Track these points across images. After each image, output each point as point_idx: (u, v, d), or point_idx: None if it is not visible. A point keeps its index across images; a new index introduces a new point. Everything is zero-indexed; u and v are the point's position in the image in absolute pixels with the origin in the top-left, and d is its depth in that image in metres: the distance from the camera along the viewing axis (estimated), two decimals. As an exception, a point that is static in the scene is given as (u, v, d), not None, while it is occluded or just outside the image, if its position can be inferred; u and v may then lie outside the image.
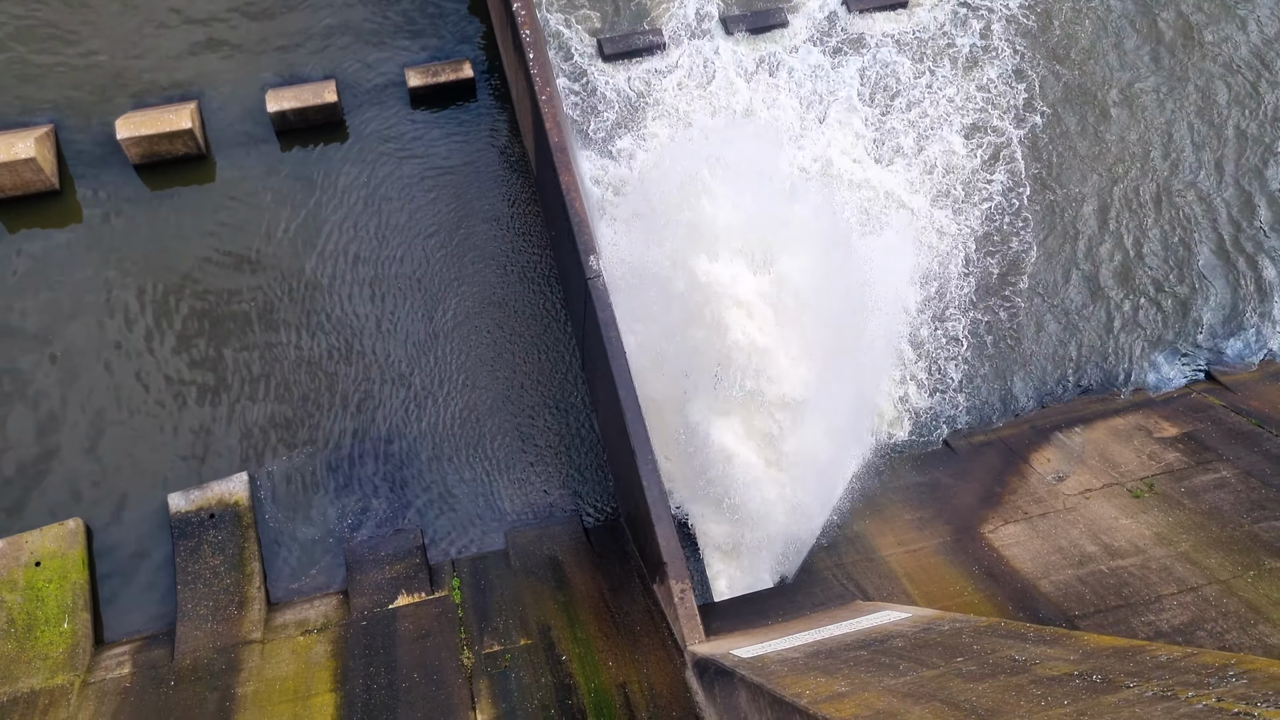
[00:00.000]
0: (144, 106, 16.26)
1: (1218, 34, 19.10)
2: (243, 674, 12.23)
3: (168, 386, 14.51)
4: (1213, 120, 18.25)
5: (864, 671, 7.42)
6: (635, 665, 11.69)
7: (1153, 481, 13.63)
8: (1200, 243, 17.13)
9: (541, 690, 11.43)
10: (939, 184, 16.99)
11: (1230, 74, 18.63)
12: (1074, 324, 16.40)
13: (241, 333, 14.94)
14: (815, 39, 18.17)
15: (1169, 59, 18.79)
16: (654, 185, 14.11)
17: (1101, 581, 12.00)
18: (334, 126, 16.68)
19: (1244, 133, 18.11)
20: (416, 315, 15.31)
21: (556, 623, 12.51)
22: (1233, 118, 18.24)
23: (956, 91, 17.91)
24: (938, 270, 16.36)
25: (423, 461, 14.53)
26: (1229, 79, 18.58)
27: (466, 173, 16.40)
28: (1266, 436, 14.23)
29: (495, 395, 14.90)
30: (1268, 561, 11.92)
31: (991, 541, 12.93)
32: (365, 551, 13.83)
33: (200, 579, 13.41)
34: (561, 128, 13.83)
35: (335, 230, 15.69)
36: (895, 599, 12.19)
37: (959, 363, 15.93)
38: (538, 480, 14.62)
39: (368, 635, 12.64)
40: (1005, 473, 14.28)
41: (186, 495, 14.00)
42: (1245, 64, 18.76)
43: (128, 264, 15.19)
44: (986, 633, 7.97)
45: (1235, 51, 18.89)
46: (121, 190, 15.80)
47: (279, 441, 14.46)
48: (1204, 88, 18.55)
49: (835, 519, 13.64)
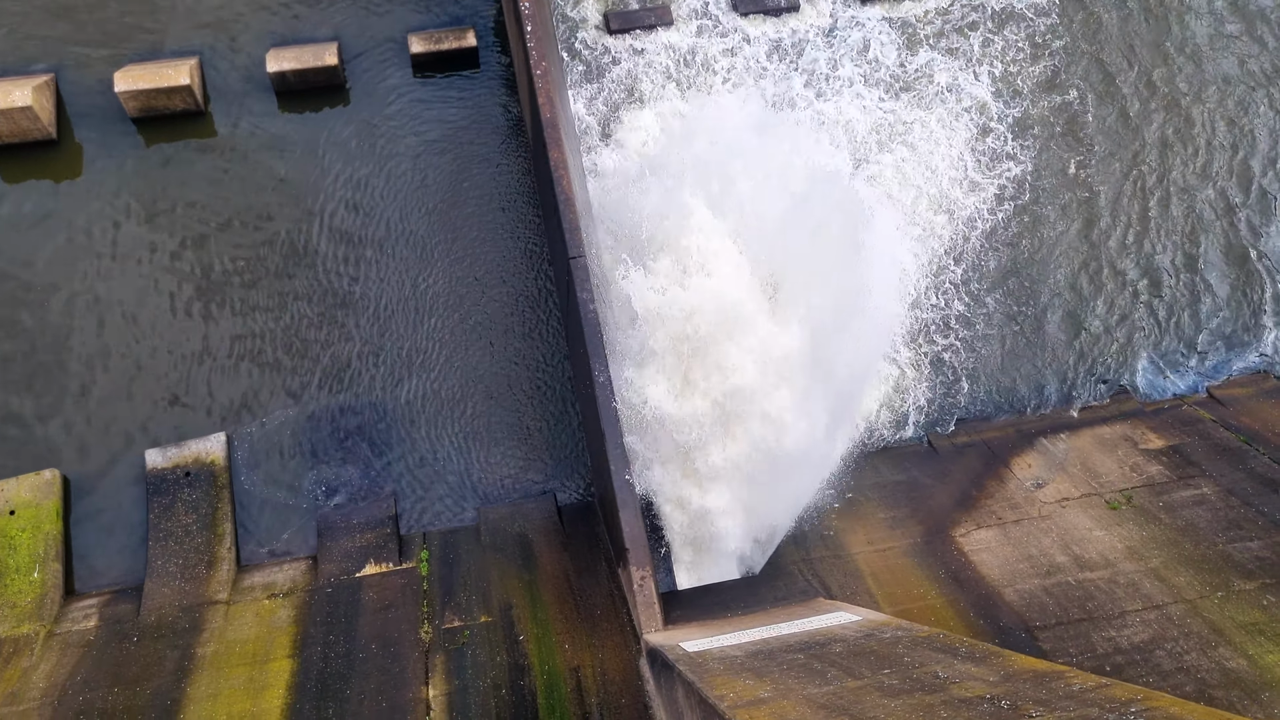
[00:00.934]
0: (145, 59, 16.18)
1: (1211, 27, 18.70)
2: (205, 634, 12.32)
3: (152, 343, 14.55)
4: (1234, 125, 17.87)
5: (793, 677, 7.36)
6: (591, 649, 11.69)
7: (1132, 494, 13.46)
8: (1206, 253, 16.83)
9: (495, 669, 11.46)
10: (937, 181, 16.74)
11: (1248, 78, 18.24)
12: (1069, 329, 16.17)
13: (229, 294, 14.95)
14: (827, 26, 17.86)
15: (1181, 59, 18.41)
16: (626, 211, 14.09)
17: (1067, 593, 11.88)
18: (334, 89, 16.57)
19: (1251, 144, 17.73)
20: (405, 287, 15.26)
21: (519, 601, 12.52)
22: (1255, 126, 17.86)
23: (967, 87, 17.60)
24: (934, 266, 16.15)
25: (402, 432, 14.53)
26: (1249, 81, 18.19)
27: (463, 144, 16.28)
28: (1253, 454, 14.01)
29: (481, 370, 14.86)
30: (1237, 583, 11.76)
31: (961, 546, 12.82)
32: (338, 518, 13.87)
33: (172, 537, 13.49)
34: (555, 103, 13.67)
35: (327, 197, 15.63)
36: (858, 599, 12.12)
37: (949, 362, 15.75)
38: (517, 457, 14.58)
39: (332, 602, 12.69)
40: (984, 476, 14.15)
41: (164, 452, 14.06)
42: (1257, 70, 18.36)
43: (119, 217, 15.19)
44: (923, 644, 7.89)
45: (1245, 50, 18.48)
46: (118, 143, 15.77)
47: (260, 404, 14.49)
48: (1233, 88, 18.17)
49: (808, 515, 13.56)
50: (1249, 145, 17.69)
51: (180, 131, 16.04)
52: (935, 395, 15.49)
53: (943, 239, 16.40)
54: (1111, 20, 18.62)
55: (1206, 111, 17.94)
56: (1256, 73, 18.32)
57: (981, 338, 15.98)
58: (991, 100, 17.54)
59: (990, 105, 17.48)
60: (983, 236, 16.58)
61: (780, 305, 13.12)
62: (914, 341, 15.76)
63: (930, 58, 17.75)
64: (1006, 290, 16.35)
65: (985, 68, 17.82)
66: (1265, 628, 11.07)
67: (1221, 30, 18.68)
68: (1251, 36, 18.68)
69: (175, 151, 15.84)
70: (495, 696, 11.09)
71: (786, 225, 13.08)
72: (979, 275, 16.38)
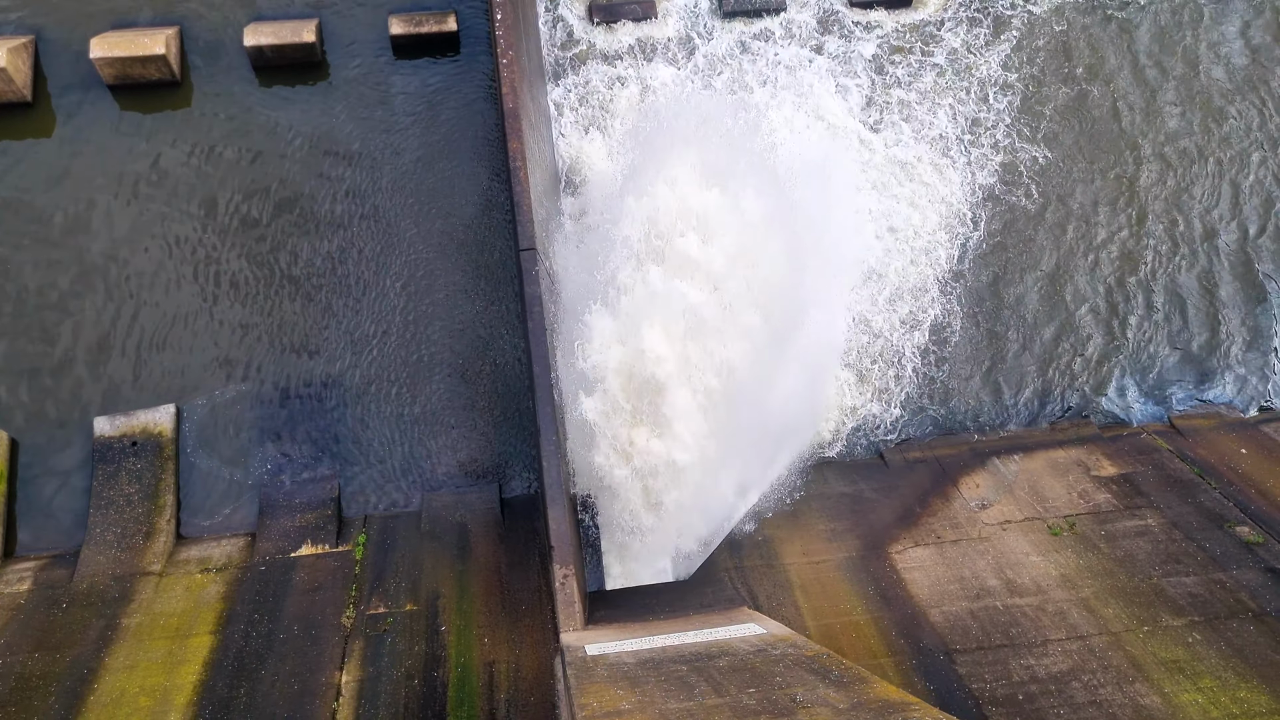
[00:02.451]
0: (125, 27, 16.20)
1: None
2: (133, 604, 12.39)
3: (107, 313, 14.60)
4: (1220, 156, 17.59)
5: (663, 689, 7.32)
6: (510, 645, 11.68)
7: (1075, 520, 13.32)
8: (1178, 282, 16.58)
9: (412, 658, 11.47)
10: (910, 186, 16.58)
11: (1231, 101, 17.94)
12: (1035, 350, 16.00)
13: (190, 269, 14.99)
14: (810, 28, 17.69)
15: (1165, 81, 18.12)
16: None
17: (993, 618, 11.77)
18: (312, 66, 16.56)
19: (1236, 172, 17.45)
20: (367, 269, 15.26)
21: (447, 592, 12.52)
22: (1241, 153, 17.58)
23: (948, 95, 17.41)
24: (900, 278, 16.01)
25: (354, 414, 14.55)
26: (1234, 106, 17.90)
27: (436, 128, 16.24)
28: (1204, 488, 13.83)
29: (437, 356, 14.85)
30: (1165, 618, 11.62)
31: (896, 563, 12.72)
32: (280, 497, 13.91)
33: (113, 505, 13.56)
34: (518, 94, 13.61)
35: (294, 175, 15.64)
36: (783, 611, 12.06)
37: (912, 375, 15.63)
38: (467, 446, 14.58)
39: (263, 581, 12.74)
40: (930, 493, 14.03)
41: (113, 420, 14.13)
42: (1242, 83, 18.05)
43: (86, 183, 15.24)
44: (804, 664, 7.83)
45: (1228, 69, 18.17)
46: (92, 110, 15.82)
47: (214, 378, 14.53)
48: (1218, 122, 17.89)
49: (747, 522, 13.49)
50: (1229, 177, 17.40)
51: (155, 101, 16.08)
52: (892, 409, 15.36)
53: (917, 253, 16.24)
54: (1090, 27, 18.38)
55: (1190, 143, 17.67)
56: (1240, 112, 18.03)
57: (945, 355, 15.83)
58: (976, 109, 17.34)
59: (961, 128, 17.28)
60: (957, 255, 16.40)
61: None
62: (874, 355, 15.61)
63: (903, 74, 17.58)
64: (973, 309, 16.18)
65: (952, 98, 17.62)
66: (1185, 666, 10.93)
67: (1202, 45, 18.39)
68: (1216, 56, 18.38)
69: (148, 121, 15.86)
70: (407, 686, 11.10)
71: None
72: (948, 294, 16.21)
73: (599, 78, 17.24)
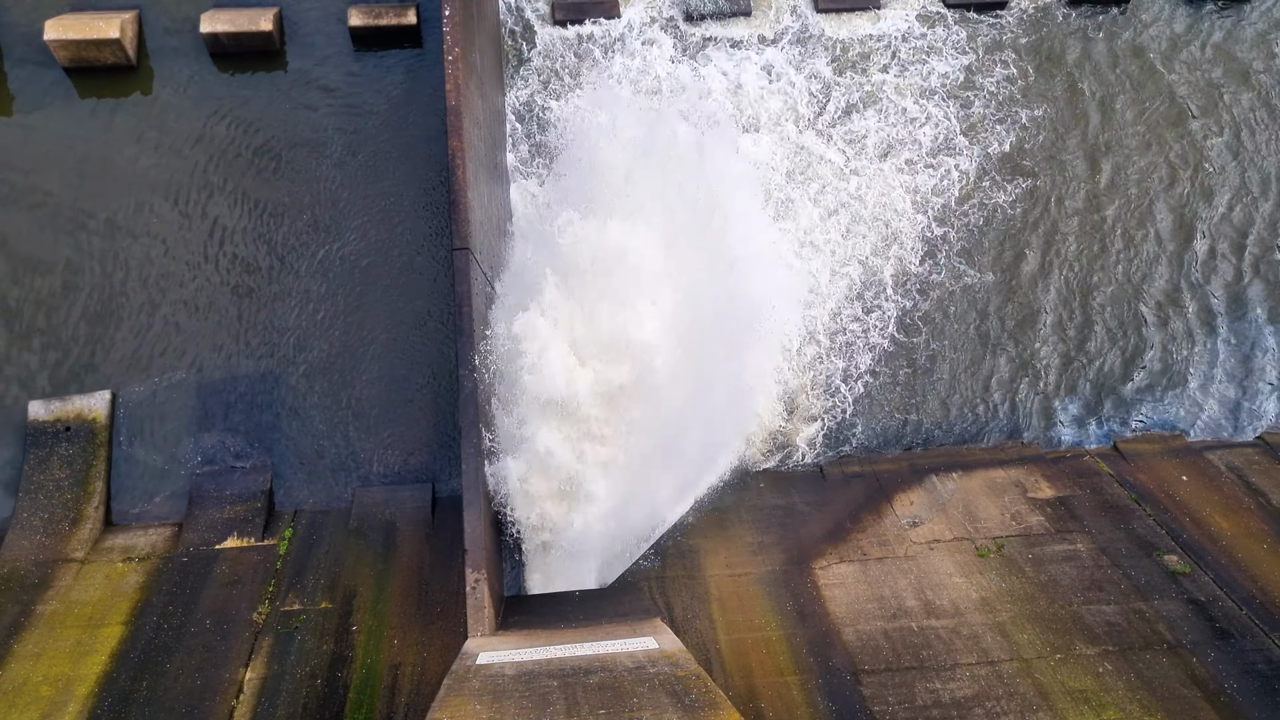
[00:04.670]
0: (82, 9, 16.15)
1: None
2: (50, 591, 12.40)
3: (48, 296, 14.60)
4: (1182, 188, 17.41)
5: (519, 707, 7.27)
6: (419, 647, 11.65)
7: (1004, 543, 13.21)
8: (1134, 306, 16.41)
9: (319, 658, 11.45)
10: (861, 204, 16.48)
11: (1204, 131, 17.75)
12: (985, 366, 15.88)
13: (136, 253, 14.97)
14: (777, 34, 17.55)
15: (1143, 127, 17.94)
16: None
17: (906, 639, 11.68)
18: (270, 55, 16.50)
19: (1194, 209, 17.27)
20: (311, 260, 15.22)
21: (364, 591, 12.49)
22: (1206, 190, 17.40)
23: (913, 106, 17.26)
24: (849, 291, 15.90)
25: (291, 406, 14.53)
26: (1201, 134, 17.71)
27: (390, 123, 16.17)
28: (1138, 514, 13.71)
29: (377, 351, 14.83)
30: (1079, 646, 11.52)
31: (818, 579, 12.64)
32: (211, 487, 13.91)
33: (42, 490, 13.57)
34: (460, 91, 13.51)
35: (243, 164, 15.60)
36: (697, 623, 11.99)
37: (855, 390, 15.51)
38: (403, 442, 14.56)
39: (183, 572, 12.73)
40: (863, 509, 13.94)
41: (47, 405, 14.13)
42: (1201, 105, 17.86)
43: (32, 167, 15.22)
44: (669, 685, 7.77)
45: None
46: (48, 92, 15.80)
47: (152, 364, 14.52)
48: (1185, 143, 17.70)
49: (671, 531, 13.43)
50: (1190, 201, 17.22)
51: (109, 86, 16.05)
52: (834, 421, 15.26)
53: (862, 268, 16.13)
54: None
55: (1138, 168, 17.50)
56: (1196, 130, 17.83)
57: (888, 371, 15.72)
58: (937, 125, 17.20)
59: (927, 137, 17.15)
60: (904, 271, 16.29)
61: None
62: (818, 369, 15.52)
63: (859, 82, 17.45)
64: (920, 324, 16.05)
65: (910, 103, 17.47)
66: (1092, 696, 10.84)
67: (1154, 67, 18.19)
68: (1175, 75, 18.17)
69: (100, 106, 15.84)
70: (309, 685, 11.08)
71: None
72: (897, 307, 16.09)
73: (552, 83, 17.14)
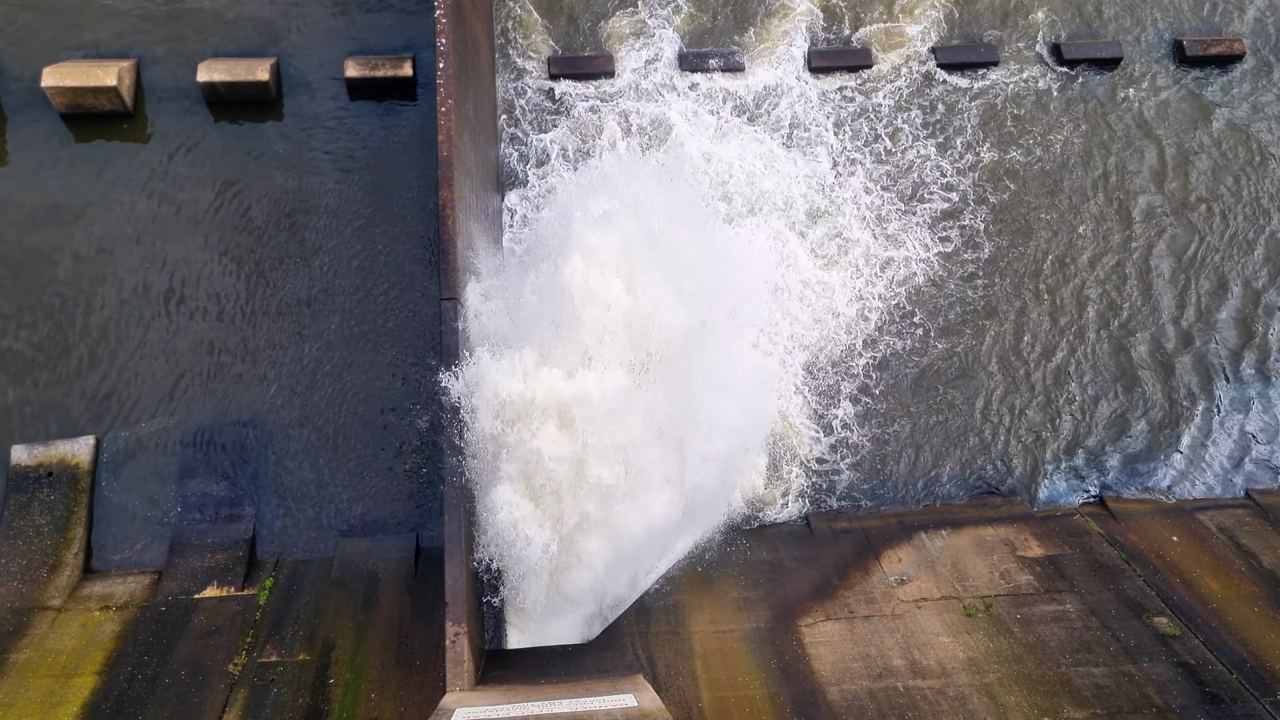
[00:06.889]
0: (81, 58, 16.32)
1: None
2: (25, 639, 12.25)
3: (33, 340, 14.59)
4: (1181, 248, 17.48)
5: (492, 769, 7.12)
6: (396, 701, 11.48)
7: (992, 602, 13.08)
8: (1125, 364, 16.38)
9: (293, 712, 11.28)
10: (852, 254, 16.56)
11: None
12: (976, 423, 15.82)
13: (122, 300, 14.98)
14: (773, 91, 17.73)
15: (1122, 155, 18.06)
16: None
17: (891, 700, 11.51)
18: (266, 105, 16.64)
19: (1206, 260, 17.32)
20: (300, 310, 15.23)
21: (343, 643, 12.34)
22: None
23: (905, 159, 17.39)
24: (836, 344, 15.90)
25: (276, 454, 14.48)
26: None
27: (383, 172, 16.26)
28: (1128, 574, 13.58)
29: (364, 400, 14.82)
30: (1067, 709, 11.36)
31: (803, 637, 12.49)
32: (193, 535, 13.80)
33: (22, 535, 13.46)
34: (453, 142, 13.61)
35: (235, 213, 15.70)
36: (679, 680, 11.83)
37: (845, 446, 15.44)
38: (389, 493, 14.49)
39: (160, 622, 12.59)
40: (851, 565, 13.81)
41: (30, 449, 14.07)
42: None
43: (27, 215, 15.31)
44: (644, 749, 7.63)
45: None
46: (45, 138, 15.92)
47: (136, 410, 14.48)
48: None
49: (659, 584, 13.30)
50: (1176, 259, 17.27)
51: (106, 132, 16.20)
52: (823, 478, 15.17)
53: (851, 319, 16.15)
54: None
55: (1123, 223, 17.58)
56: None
57: (877, 428, 15.65)
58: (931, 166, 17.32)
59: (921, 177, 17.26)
60: (898, 324, 16.31)
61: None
62: (810, 423, 15.46)
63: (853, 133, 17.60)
64: (912, 384, 16.01)
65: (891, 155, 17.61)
66: (1080, 761, 10.66)
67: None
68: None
69: (95, 152, 15.96)
70: (282, 740, 10.87)
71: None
72: (886, 367, 16.07)
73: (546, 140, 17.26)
